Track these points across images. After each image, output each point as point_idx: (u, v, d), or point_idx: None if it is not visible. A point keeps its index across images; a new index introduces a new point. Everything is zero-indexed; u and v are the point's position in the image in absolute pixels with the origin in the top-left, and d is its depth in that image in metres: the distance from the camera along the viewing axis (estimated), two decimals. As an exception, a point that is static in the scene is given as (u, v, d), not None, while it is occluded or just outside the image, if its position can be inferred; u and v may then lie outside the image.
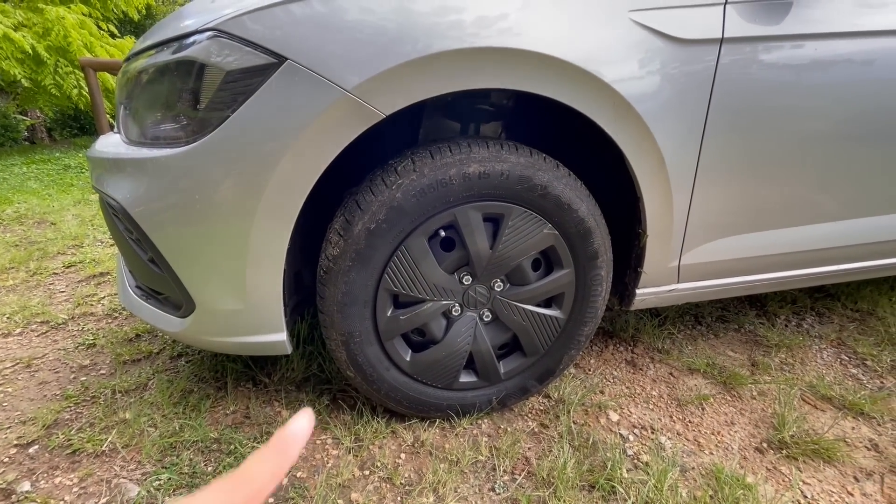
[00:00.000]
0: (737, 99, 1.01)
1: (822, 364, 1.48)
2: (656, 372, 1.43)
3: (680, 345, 1.58)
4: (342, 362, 1.04)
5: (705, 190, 1.08)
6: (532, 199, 0.99)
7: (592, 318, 1.16)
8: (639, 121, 0.95)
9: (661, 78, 0.95)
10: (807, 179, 1.16)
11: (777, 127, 1.06)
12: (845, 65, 1.05)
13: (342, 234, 0.94)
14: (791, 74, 1.02)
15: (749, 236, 1.19)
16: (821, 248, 1.27)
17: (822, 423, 1.21)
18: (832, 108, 1.07)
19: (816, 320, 1.75)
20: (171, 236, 0.91)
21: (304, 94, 0.81)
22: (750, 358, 1.51)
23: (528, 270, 1.08)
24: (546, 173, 0.98)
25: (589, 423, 1.20)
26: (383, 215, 0.92)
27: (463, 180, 0.93)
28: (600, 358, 1.50)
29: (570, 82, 0.90)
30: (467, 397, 1.16)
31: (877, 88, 1.09)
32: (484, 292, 1.07)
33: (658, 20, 0.93)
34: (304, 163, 0.85)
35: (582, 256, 1.08)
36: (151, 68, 0.92)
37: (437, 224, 0.97)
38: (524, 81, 0.88)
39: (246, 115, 0.82)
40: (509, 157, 0.96)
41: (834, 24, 1.02)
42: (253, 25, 0.82)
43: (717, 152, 1.04)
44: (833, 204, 1.22)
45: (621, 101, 0.92)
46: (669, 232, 1.11)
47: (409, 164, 0.93)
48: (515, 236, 1.02)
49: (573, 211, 1.02)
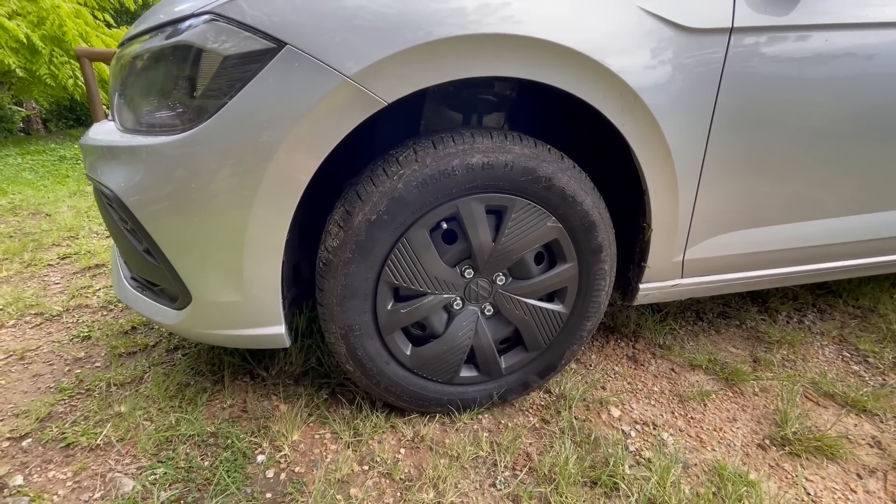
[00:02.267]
0: (745, 91, 0.99)
1: (824, 361, 1.48)
2: (658, 367, 1.42)
3: (681, 340, 1.57)
4: (341, 356, 1.03)
5: (711, 184, 1.06)
6: (536, 190, 0.97)
7: (595, 313, 1.14)
8: (646, 112, 0.93)
9: (670, 68, 0.93)
10: (811, 175, 1.14)
11: (784, 122, 1.04)
12: (853, 58, 1.03)
13: (342, 226, 0.92)
14: (800, 67, 1.00)
15: (753, 231, 1.18)
16: (824, 244, 1.26)
17: (825, 419, 1.21)
18: (840, 103, 1.05)
19: (818, 317, 1.75)
20: (166, 226, 0.89)
21: (303, 81, 0.79)
22: (752, 354, 1.50)
23: (530, 264, 1.06)
24: (550, 165, 0.96)
25: (590, 419, 1.19)
26: (384, 206, 0.90)
27: (466, 171, 0.91)
28: (601, 353, 1.49)
29: (576, 71, 0.88)
30: (468, 392, 1.14)
31: (886, 84, 1.07)
32: (486, 286, 1.06)
33: (667, 8, 0.91)
34: (303, 152, 0.82)
35: (586, 250, 1.06)
36: (146, 54, 0.90)
37: (439, 216, 0.95)
38: (528, 70, 0.86)
39: (243, 102, 0.80)
40: (514, 147, 0.94)
41: (845, 16, 1.00)
42: (251, 9, 0.79)
43: (724, 146, 1.02)
44: (837, 200, 1.21)
45: (628, 91, 0.90)
46: (674, 226, 1.09)
47: (411, 153, 0.91)
48: (519, 229, 1.00)
49: (578, 204, 1.00)
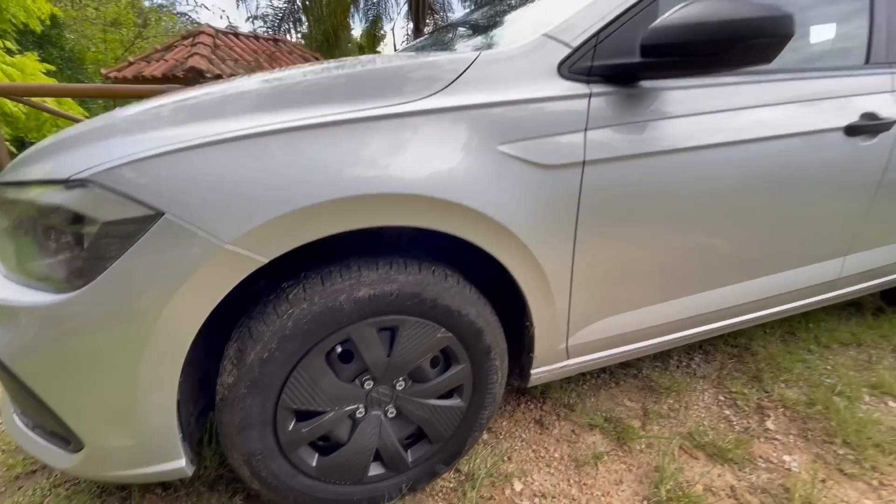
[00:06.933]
0: (600, 209, 1.14)
1: (702, 407, 1.68)
2: (560, 430, 1.56)
3: (584, 397, 1.72)
4: (246, 478, 1.06)
5: (582, 285, 1.20)
6: (423, 310, 1.06)
7: (492, 403, 1.25)
8: (516, 240, 1.05)
9: (532, 200, 1.05)
10: (667, 266, 1.32)
11: (636, 227, 1.21)
12: (688, 171, 1.22)
13: (235, 364, 0.96)
14: (645, 183, 1.17)
15: (624, 315, 1.34)
16: (688, 317, 1.45)
17: (696, 472, 1.39)
18: (678, 208, 1.24)
19: (703, 359, 1.97)
20: (52, 382, 0.89)
21: (182, 247, 0.83)
22: (643, 407, 1.68)
23: (427, 369, 1.15)
24: (434, 287, 1.06)
25: (494, 497, 1.29)
26: (275, 344, 0.95)
27: (354, 304, 0.99)
28: (511, 419, 1.61)
29: (448, 216, 0.98)
30: (378, 488, 1.21)
31: (714, 188, 1.27)
32: (387, 391, 1.13)
33: (525, 150, 1.03)
34: (187, 311, 0.86)
35: (476, 352, 1.17)
36: (26, 207, 0.89)
37: (332, 342, 1.01)
38: (403, 219, 0.95)
39: (125, 266, 0.83)
40: (398, 276, 1.02)
41: (678, 142, 1.18)
42: (130, 178, 0.82)
43: (589, 254, 1.17)
44: (691, 281, 1.40)
45: (497, 226, 1.02)
46: (554, 322, 1.23)
47: (300, 291, 0.97)
48: (411, 343, 1.08)
49: (464, 316, 1.11)
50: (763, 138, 1.28)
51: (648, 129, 1.15)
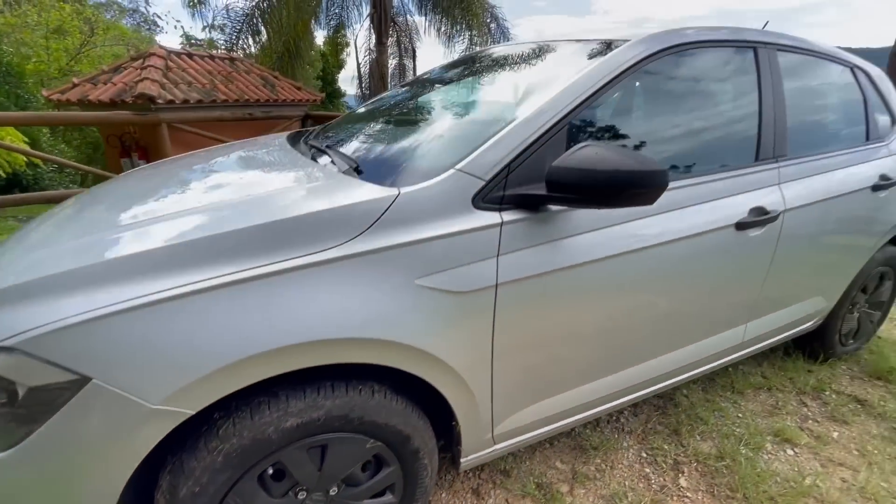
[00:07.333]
0: (513, 321, 1.25)
1: (626, 466, 1.84)
2: (495, 500, 1.67)
3: (520, 461, 1.84)
4: None
5: (502, 385, 1.32)
6: (352, 427, 1.15)
7: (423, 495, 1.35)
8: (437, 360, 1.15)
9: (449, 323, 1.16)
10: (584, 357, 1.46)
11: (550, 331, 1.34)
12: (597, 279, 1.36)
13: (168, 498, 1.02)
14: (557, 293, 1.30)
15: (544, 402, 1.47)
16: (610, 392, 1.60)
17: (613, 538, 1.53)
18: (584, 314, 1.38)
19: (631, 412, 2.14)
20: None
21: (110, 410, 0.88)
22: (572, 469, 1.82)
23: (359, 474, 1.24)
24: (362, 406, 1.15)
25: (429, 580, 1.39)
26: (207, 479, 1.01)
27: (282, 434, 1.06)
28: (450, 490, 1.71)
29: (373, 350, 1.07)
30: (318, 586, 1.28)
31: (622, 290, 1.42)
32: (321, 497, 1.21)
33: (441, 281, 1.13)
34: (117, 465, 0.92)
35: (405, 454, 1.26)
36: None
37: (263, 467, 1.08)
38: (326, 358, 1.03)
39: (54, 429, 0.87)
40: (325, 402, 1.10)
41: (585, 255, 1.31)
42: (55, 345, 0.86)
43: (505, 362, 1.29)
44: (610, 364, 1.55)
45: (418, 352, 1.12)
46: (478, 418, 1.34)
47: (230, 426, 1.04)
48: (341, 456, 1.17)
49: (391, 426, 1.20)
50: (662, 243, 1.44)
51: (556, 248, 1.27)
